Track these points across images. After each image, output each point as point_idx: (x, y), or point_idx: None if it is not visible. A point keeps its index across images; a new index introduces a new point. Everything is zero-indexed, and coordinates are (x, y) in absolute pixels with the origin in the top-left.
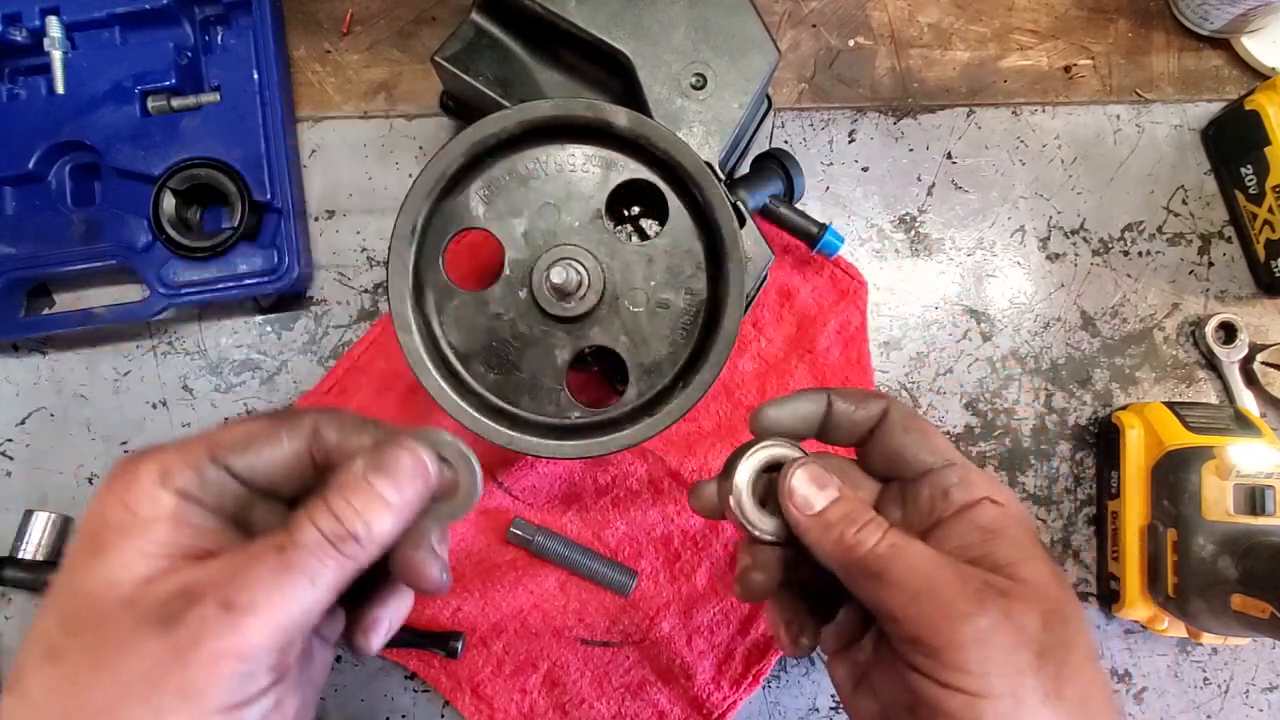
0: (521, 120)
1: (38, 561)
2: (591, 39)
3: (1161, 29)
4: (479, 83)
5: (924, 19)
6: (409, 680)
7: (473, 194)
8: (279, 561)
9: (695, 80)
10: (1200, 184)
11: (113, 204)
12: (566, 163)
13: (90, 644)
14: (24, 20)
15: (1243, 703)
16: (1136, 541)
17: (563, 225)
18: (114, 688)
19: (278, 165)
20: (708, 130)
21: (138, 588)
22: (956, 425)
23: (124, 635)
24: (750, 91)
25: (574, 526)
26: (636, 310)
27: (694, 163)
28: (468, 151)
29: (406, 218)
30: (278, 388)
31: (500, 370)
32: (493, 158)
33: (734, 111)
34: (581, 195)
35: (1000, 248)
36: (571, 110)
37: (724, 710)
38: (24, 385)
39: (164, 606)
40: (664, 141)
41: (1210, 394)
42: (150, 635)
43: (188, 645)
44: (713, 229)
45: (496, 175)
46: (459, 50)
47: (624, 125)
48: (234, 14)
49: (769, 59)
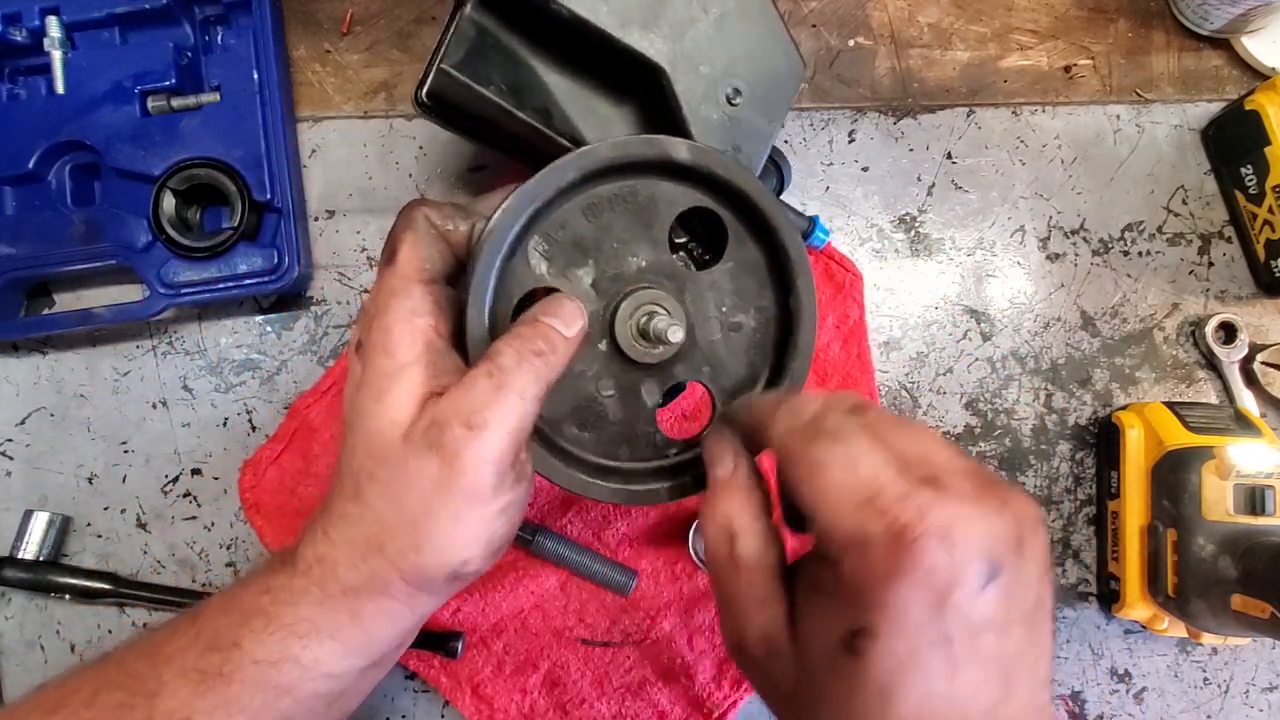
0: (581, 169)
1: (38, 561)
2: (622, 47)
3: (1161, 29)
4: (491, 93)
5: (924, 19)
6: (409, 680)
7: (531, 252)
8: (491, 384)
9: (731, 94)
10: (1200, 184)
11: (113, 204)
12: (623, 201)
13: (394, 468)
14: (24, 20)
15: (1243, 703)
16: (1136, 541)
17: (629, 267)
18: (420, 495)
19: (278, 165)
20: (747, 145)
21: (409, 426)
22: (956, 425)
23: (411, 460)
24: (781, 104)
25: (574, 526)
26: (714, 339)
27: (756, 188)
28: (529, 211)
29: (476, 301)
30: (278, 388)
31: (593, 428)
32: (548, 209)
33: (768, 127)
34: (643, 233)
35: (1000, 248)
36: (630, 151)
37: (724, 710)
38: (24, 385)
39: (426, 435)
40: (725, 170)
41: (1210, 394)
42: (427, 458)
43: (452, 458)
44: (778, 249)
45: (553, 228)
46: (465, 56)
47: (685, 158)
48: (234, 14)
49: (797, 71)
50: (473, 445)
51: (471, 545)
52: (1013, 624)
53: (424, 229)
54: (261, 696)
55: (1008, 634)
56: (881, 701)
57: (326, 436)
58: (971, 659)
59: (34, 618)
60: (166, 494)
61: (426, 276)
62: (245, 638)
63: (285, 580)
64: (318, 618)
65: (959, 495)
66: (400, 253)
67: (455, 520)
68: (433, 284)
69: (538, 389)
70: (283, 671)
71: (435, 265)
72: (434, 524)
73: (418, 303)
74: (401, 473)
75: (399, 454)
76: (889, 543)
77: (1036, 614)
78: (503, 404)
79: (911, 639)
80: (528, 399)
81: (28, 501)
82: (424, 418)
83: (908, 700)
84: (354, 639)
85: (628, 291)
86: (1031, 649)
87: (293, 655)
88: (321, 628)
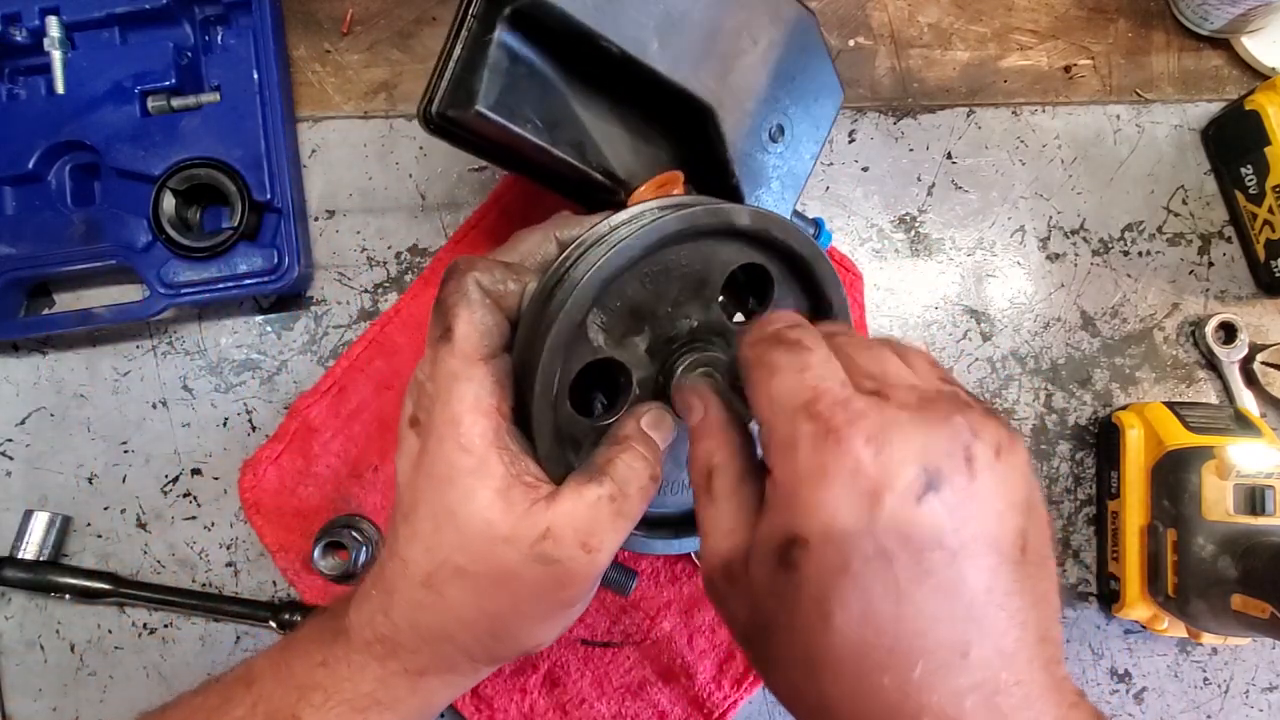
0: (646, 247)
1: (38, 561)
2: (672, 87)
3: (1161, 29)
4: (528, 131)
5: (924, 19)
6: None
7: (590, 324)
8: (613, 510)
9: (774, 132)
10: (1200, 184)
11: (113, 204)
12: (680, 265)
13: (492, 572)
14: (24, 20)
15: (1243, 703)
16: (1136, 541)
17: (682, 329)
18: (515, 599)
19: (278, 165)
20: (783, 185)
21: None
22: None
23: (519, 569)
24: (819, 140)
25: None
26: None
27: (810, 248)
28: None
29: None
30: (278, 388)
31: None
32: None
33: (806, 163)
34: (696, 294)
35: (1000, 248)
36: (696, 222)
37: (725, 710)
38: (24, 385)
39: (540, 548)
40: (783, 232)
41: (1210, 394)
42: (535, 568)
43: (564, 576)
44: (821, 299)
45: (611, 299)
46: (500, 94)
47: (747, 225)
48: (234, 14)
49: (836, 102)
50: (589, 567)
51: (553, 635)
52: (974, 551)
53: (478, 299)
54: None
55: (968, 561)
56: (821, 618)
57: (326, 436)
58: (918, 581)
59: (34, 618)
60: (166, 494)
61: (487, 353)
62: (305, 712)
63: (344, 654)
64: (378, 693)
65: (900, 404)
66: (457, 330)
67: (548, 622)
68: (494, 359)
69: (643, 507)
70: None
71: (494, 340)
72: (524, 624)
73: (481, 386)
74: (502, 578)
75: (500, 559)
76: (815, 442)
77: (1017, 547)
78: (620, 531)
79: (843, 547)
80: (635, 521)
81: (28, 501)
82: (532, 526)
83: (848, 619)
84: (413, 708)
85: (681, 353)
86: (1015, 591)
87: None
88: (381, 701)
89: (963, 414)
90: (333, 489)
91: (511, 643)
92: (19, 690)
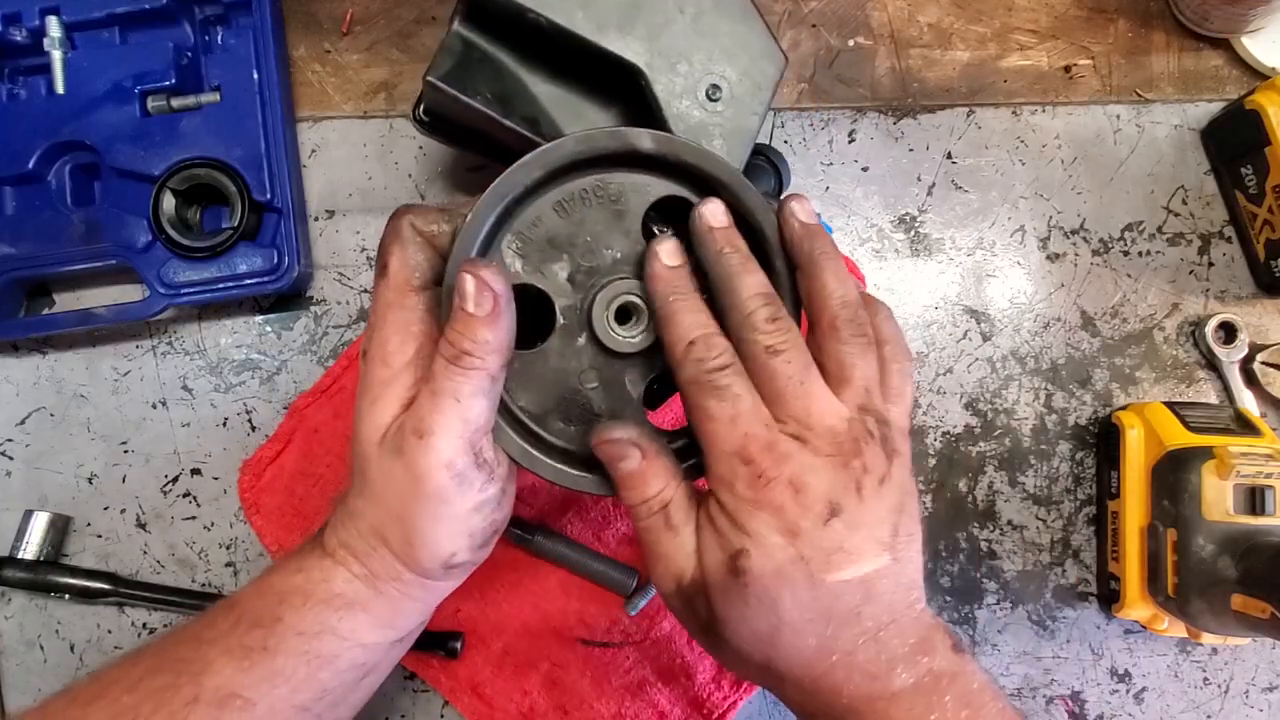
0: (546, 165)
1: (38, 561)
2: (600, 51)
3: (1161, 29)
4: (478, 103)
5: (924, 19)
6: (408, 680)
7: (505, 250)
8: (429, 392)
9: (710, 91)
10: (1200, 184)
11: (113, 204)
12: (594, 194)
13: (374, 471)
14: (24, 20)
15: (1243, 703)
16: (1136, 541)
17: (605, 259)
18: (398, 497)
19: (278, 165)
20: (729, 141)
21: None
22: (956, 425)
23: (384, 464)
24: (763, 99)
25: (574, 526)
26: None
27: (728, 172)
28: (498, 210)
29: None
30: (277, 388)
31: (579, 421)
32: (519, 207)
33: (751, 120)
34: (617, 225)
35: (1000, 248)
36: (595, 144)
37: (724, 710)
38: (24, 385)
39: (392, 442)
40: (694, 156)
41: (1210, 394)
42: (394, 463)
43: (411, 465)
44: (754, 231)
45: (525, 225)
46: (452, 67)
47: (650, 148)
48: (234, 14)
49: (777, 65)
50: (423, 452)
51: (453, 541)
52: (863, 549)
53: (410, 237)
54: (305, 668)
55: (860, 555)
56: (769, 609)
57: (326, 436)
58: (828, 573)
59: (34, 618)
60: (166, 494)
61: (418, 283)
62: (286, 612)
63: (316, 561)
64: (349, 593)
65: (814, 450)
66: (390, 264)
67: (433, 520)
68: (425, 290)
69: (474, 387)
70: (323, 642)
71: (424, 272)
72: (415, 523)
73: (411, 313)
74: (379, 475)
75: (375, 458)
76: (750, 481)
77: (891, 535)
78: (440, 410)
79: (776, 558)
80: (465, 399)
81: (28, 501)
82: (394, 424)
83: (788, 609)
84: (382, 612)
85: (603, 283)
86: (892, 561)
87: (330, 626)
88: (354, 602)
89: (859, 456)
90: (333, 489)
91: (422, 548)
92: (19, 690)
